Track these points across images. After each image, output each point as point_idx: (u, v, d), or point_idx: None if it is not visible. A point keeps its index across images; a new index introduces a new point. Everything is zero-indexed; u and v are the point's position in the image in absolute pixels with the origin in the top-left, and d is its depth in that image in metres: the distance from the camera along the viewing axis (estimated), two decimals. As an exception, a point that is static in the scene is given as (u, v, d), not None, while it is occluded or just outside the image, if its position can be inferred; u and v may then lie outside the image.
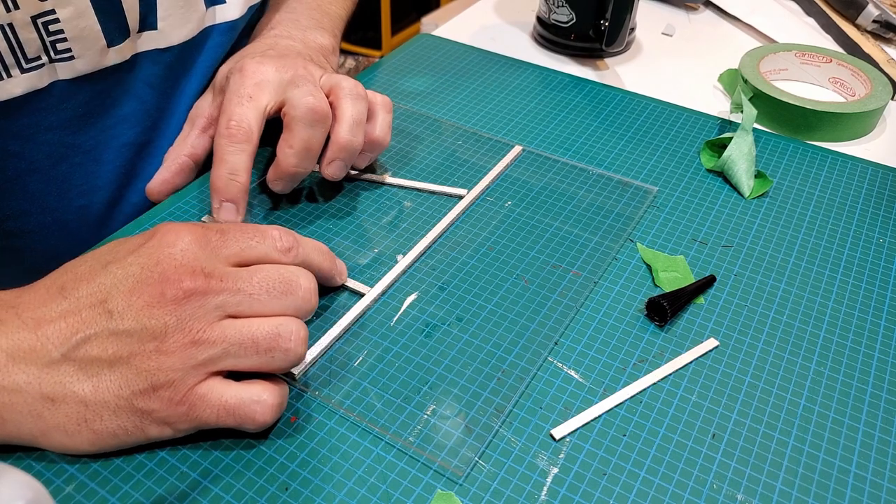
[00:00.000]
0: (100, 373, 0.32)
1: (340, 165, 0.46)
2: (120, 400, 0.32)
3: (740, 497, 0.34)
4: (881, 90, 0.58)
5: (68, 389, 0.32)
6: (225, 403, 0.33)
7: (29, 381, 0.32)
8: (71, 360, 0.32)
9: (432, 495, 0.33)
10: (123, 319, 0.32)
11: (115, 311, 0.32)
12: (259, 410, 0.33)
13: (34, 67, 0.43)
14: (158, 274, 0.33)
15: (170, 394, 0.32)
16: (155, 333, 0.32)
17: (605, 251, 0.46)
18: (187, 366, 0.32)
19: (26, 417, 0.32)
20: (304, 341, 0.35)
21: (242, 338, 0.33)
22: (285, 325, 0.34)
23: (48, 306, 0.33)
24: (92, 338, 0.32)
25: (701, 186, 0.52)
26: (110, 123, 0.50)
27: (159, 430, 0.33)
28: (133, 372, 0.32)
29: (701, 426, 0.36)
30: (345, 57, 2.12)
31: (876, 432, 0.36)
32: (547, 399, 0.37)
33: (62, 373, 0.32)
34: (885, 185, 0.53)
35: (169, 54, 0.51)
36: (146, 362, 0.32)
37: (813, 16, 0.75)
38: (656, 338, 0.41)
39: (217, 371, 0.33)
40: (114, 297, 0.33)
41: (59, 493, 0.33)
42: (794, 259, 0.46)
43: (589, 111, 0.60)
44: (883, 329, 0.42)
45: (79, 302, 0.33)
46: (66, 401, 0.32)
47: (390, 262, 0.45)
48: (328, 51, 0.54)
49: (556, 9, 0.67)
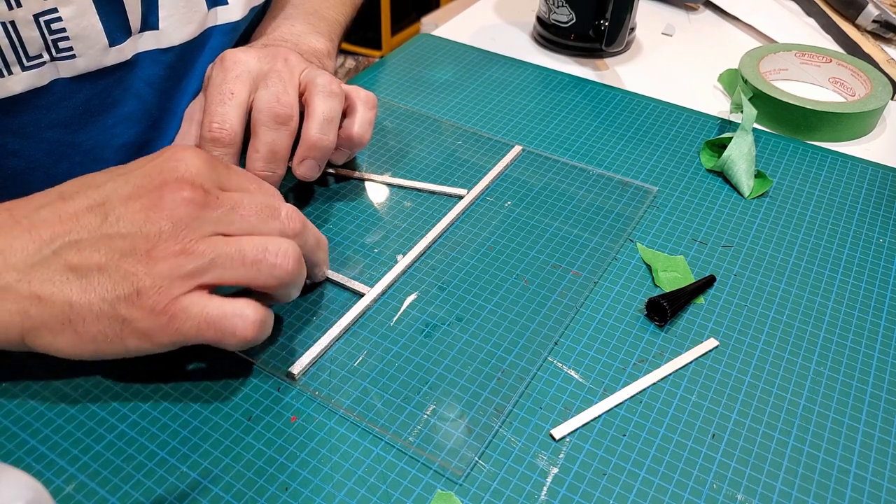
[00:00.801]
0: (88, 274, 0.32)
1: (312, 164, 0.45)
2: (104, 304, 0.32)
3: (740, 497, 0.34)
4: (881, 90, 0.58)
5: (57, 288, 0.32)
6: (207, 315, 0.33)
7: (19, 279, 0.32)
8: (62, 260, 0.32)
9: (432, 495, 0.33)
10: (119, 223, 0.33)
11: (112, 215, 0.33)
12: (240, 325, 0.33)
13: (35, 65, 0.43)
14: (160, 181, 0.33)
15: (152, 302, 0.32)
16: (148, 237, 0.32)
17: (605, 251, 0.46)
18: (174, 275, 0.32)
19: (14, 316, 0.32)
20: (294, 259, 0.35)
21: (231, 250, 0.33)
22: (274, 242, 0.34)
23: (45, 209, 0.33)
24: (85, 240, 0.33)
25: (701, 186, 0.52)
26: (111, 123, 0.50)
27: (138, 342, 0.33)
28: (120, 275, 0.32)
29: (701, 426, 0.36)
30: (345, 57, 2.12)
31: (876, 432, 0.36)
32: (547, 399, 0.37)
33: (52, 271, 0.32)
34: (885, 185, 0.53)
35: (170, 54, 0.51)
36: (135, 266, 0.32)
37: (813, 16, 0.75)
38: (656, 338, 0.41)
39: (203, 285, 0.33)
40: (112, 201, 0.33)
41: (59, 493, 0.33)
42: (794, 259, 0.46)
43: (589, 111, 0.60)
44: (883, 329, 0.42)
45: (76, 206, 0.33)
46: (53, 300, 0.32)
47: (390, 262, 0.45)
48: (323, 54, 0.54)
49: (556, 9, 0.67)
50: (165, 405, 0.37)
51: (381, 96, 0.61)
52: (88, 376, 0.38)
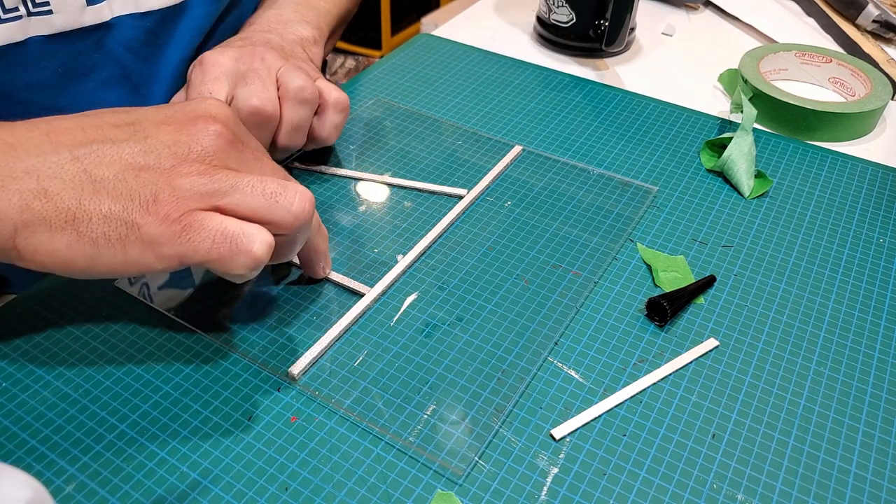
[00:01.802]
0: (104, 179, 0.32)
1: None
2: (115, 204, 0.31)
3: (740, 497, 0.34)
4: (881, 90, 0.58)
5: (67, 186, 0.31)
6: (225, 229, 0.32)
7: (28, 171, 0.31)
8: (79, 163, 0.32)
9: (432, 495, 0.33)
10: (147, 140, 0.33)
11: (140, 133, 0.33)
12: (257, 244, 0.33)
13: (11, 18, 0.43)
14: (193, 115, 0.34)
15: (168, 209, 0.32)
16: (176, 155, 0.33)
17: (605, 251, 0.46)
18: (195, 189, 0.32)
19: (13, 205, 0.31)
20: (310, 203, 0.35)
21: (253, 180, 0.34)
22: (293, 185, 0.35)
23: (68, 120, 0.33)
24: (108, 149, 0.32)
25: (701, 186, 0.52)
26: (90, 87, 0.50)
27: (140, 251, 0.32)
28: (140, 183, 0.32)
29: (701, 426, 0.36)
30: (345, 57, 2.12)
31: (876, 432, 0.36)
32: (547, 399, 0.37)
33: (65, 171, 0.32)
34: (885, 185, 0.53)
35: (149, 19, 0.50)
36: (155, 177, 0.32)
37: (813, 16, 0.75)
38: (656, 338, 0.41)
39: (220, 207, 0.33)
40: (143, 122, 0.33)
41: (59, 493, 0.33)
42: (794, 259, 0.46)
43: (589, 111, 0.60)
44: (883, 329, 0.42)
45: (102, 120, 0.33)
46: (61, 196, 0.31)
47: (390, 262, 0.45)
48: (308, 41, 0.54)
49: (556, 9, 0.67)
50: (165, 405, 0.37)
51: (381, 96, 0.61)
52: (88, 376, 0.38)
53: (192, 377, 0.38)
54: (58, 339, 0.40)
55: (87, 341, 0.40)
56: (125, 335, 0.40)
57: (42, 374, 0.38)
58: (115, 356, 0.39)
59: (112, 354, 0.39)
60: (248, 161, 0.35)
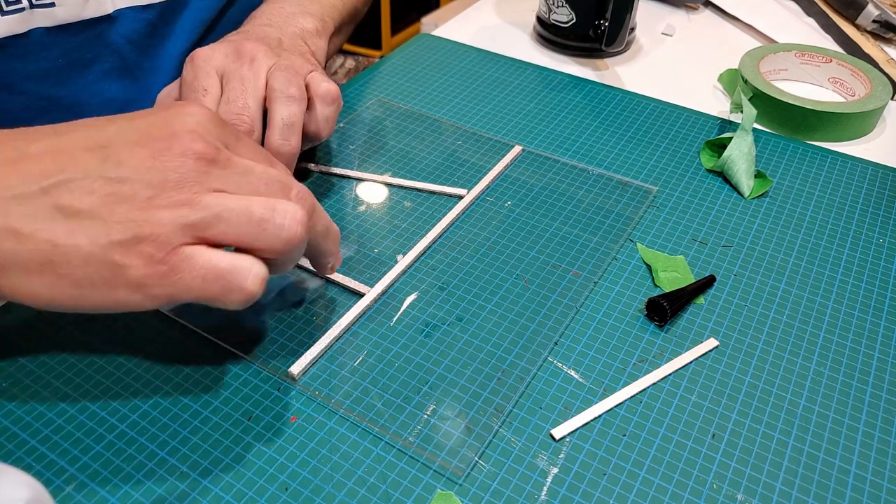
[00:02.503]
0: (79, 215, 0.29)
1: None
2: (95, 247, 0.29)
3: (740, 497, 0.34)
4: (881, 90, 0.58)
5: (40, 226, 0.29)
6: (215, 266, 0.30)
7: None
8: (49, 197, 0.29)
9: (432, 495, 0.33)
10: (120, 167, 0.30)
11: (113, 158, 0.30)
12: (250, 279, 0.31)
13: (14, 11, 0.44)
14: (170, 132, 0.31)
15: (152, 249, 0.29)
16: (152, 184, 0.30)
17: (605, 251, 0.46)
18: (177, 223, 0.30)
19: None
20: (302, 224, 0.32)
21: (238, 206, 0.31)
22: (283, 204, 0.32)
23: (36, 143, 0.30)
24: (80, 181, 0.30)
25: (701, 186, 0.52)
26: (91, 79, 0.50)
27: (128, 293, 0.30)
28: (117, 220, 0.29)
29: (701, 426, 0.36)
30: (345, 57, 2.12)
31: (876, 432, 0.36)
32: (547, 399, 0.37)
33: (36, 207, 0.29)
34: (885, 185, 0.53)
35: (150, 12, 0.50)
36: (134, 212, 0.29)
37: (813, 16, 0.75)
38: (656, 338, 0.41)
39: (205, 240, 0.31)
40: (115, 144, 0.30)
41: (59, 493, 0.33)
42: (794, 259, 0.46)
43: (589, 111, 0.60)
44: (883, 329, 0.42)
45: (73, 143, 0.31)
46: (34, 238, 0.29)
47: (390, 262, 0.45)
48: (310, 33, 0.53)
49: (556, 9, 0.67)
50: (165, 405, 0.37)
51: (381, 96, 0.61)
52: (88, 376, 0.38)
53: (192, 377, 0.38)
54: (58, 339, 0.40)
55: (87, 341, 0.40)
56: (125, 335, 0.40)
57: (42, 374, 0.38)
58: (115, 356, 0.39)
59: (112, 354, 0.39)
60: (235, 177, 0.32)
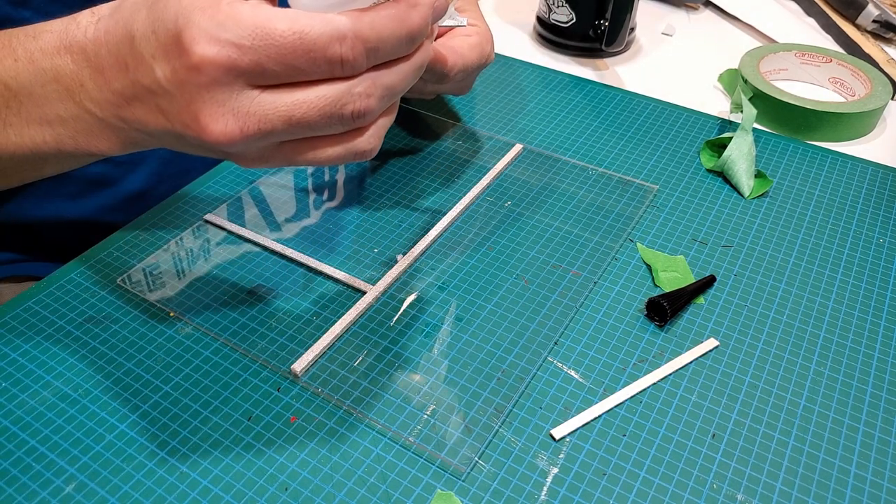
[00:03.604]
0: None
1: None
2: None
3: (740, 497, 0.34)
4: (881, 90, 0.58)
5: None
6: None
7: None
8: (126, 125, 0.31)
9: (432, 495, 0.33)
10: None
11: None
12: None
13: None
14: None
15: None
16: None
17: (605, 251, 0.46)
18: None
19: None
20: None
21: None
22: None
23: (98, 58, 0.31)
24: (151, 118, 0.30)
25: (701, 186, 0.52)
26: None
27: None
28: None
29: (701, 426, 0.36)
30: (345, 57, 2.11)
31: (876, 432, 0.36)
32: (547, 399, 0.37)
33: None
34: (885, 185, 0.53)
35: None
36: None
37: (813, 16, 0.75)
38: (656, 338, 0.41)
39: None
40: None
41: (59, 493, 0.33)
42: (794, 259, 0.46)
43: (589, 111, 0.60)
44: (883, 329, 0.42)
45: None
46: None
47: (390, 262, 0.45)
48: None
49: (556, 9, 0.67)
50: (165, 405, 0.37)
51: (381, 96, 0.61)
52: (89, 376, 0.38)
53: (192, 377, 0.38)
54: (58, 339, 0.40)
55: (87, 341, 0.40)
56: (125, 335, 0.40)
57: (42, 374, 0.38)
58: (115, 356, 0.39)
59: (112, 354, 0.39)
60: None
